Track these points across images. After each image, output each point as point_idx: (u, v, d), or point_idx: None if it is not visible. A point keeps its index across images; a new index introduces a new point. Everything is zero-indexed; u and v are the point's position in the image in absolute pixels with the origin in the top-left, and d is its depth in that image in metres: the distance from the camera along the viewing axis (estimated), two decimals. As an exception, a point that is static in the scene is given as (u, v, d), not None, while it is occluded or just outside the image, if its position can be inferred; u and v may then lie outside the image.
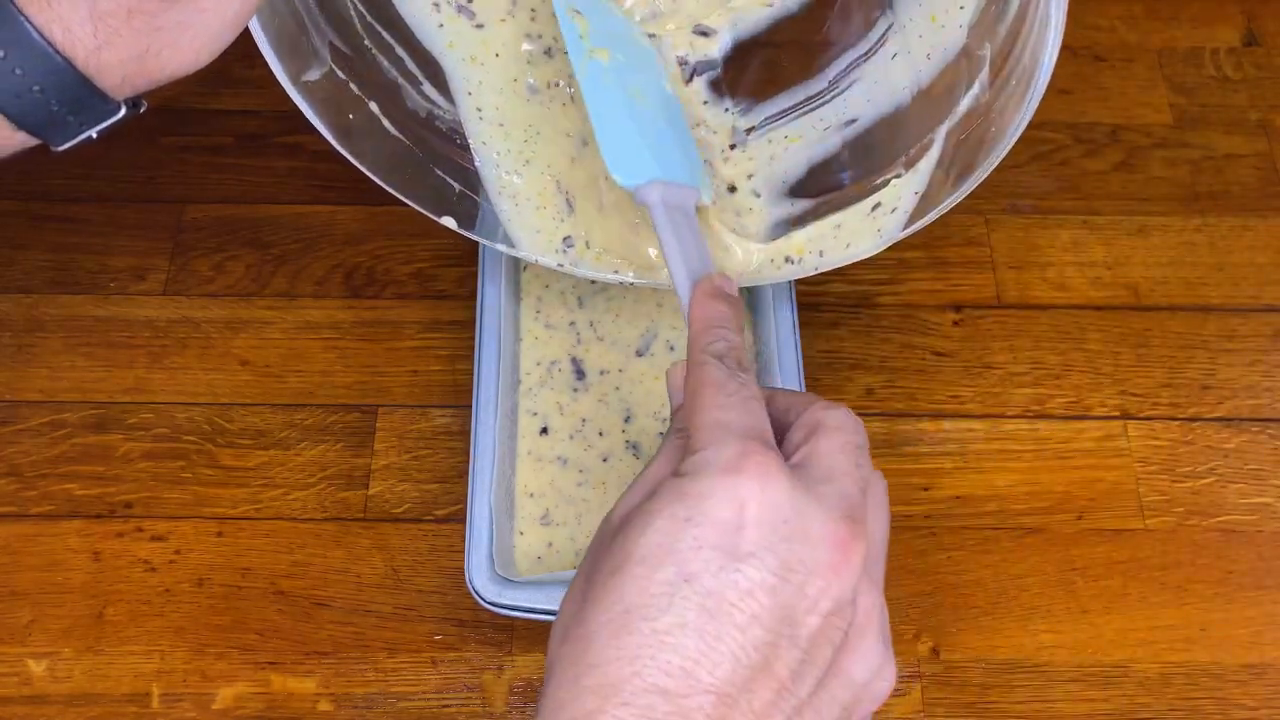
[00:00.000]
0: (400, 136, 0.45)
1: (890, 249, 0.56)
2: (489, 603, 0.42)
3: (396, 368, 0.52)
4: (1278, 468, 0.50)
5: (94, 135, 0.34)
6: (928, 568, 0.48)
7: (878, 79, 0.46)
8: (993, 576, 0.48)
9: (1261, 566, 0.48)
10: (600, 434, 0.48)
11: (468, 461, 0.45)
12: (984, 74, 0.43)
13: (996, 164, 0.41)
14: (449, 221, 0.46)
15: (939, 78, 0.45)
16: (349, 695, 0.45)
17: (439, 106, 0.46)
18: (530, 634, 0.46)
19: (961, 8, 0.44)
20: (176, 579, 0.47)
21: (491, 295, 0.49)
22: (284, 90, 0.40)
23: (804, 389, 0.47)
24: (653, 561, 0.28)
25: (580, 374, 0.49)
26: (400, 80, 0.45)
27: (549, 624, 0.45)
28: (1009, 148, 0.41)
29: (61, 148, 0.34)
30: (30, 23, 0.30)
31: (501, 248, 0.46)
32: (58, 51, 0.31)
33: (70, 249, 0.55)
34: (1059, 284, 0.55)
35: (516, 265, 0.51)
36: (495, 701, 0.45)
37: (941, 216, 0.57)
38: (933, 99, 0.45)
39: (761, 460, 0.29)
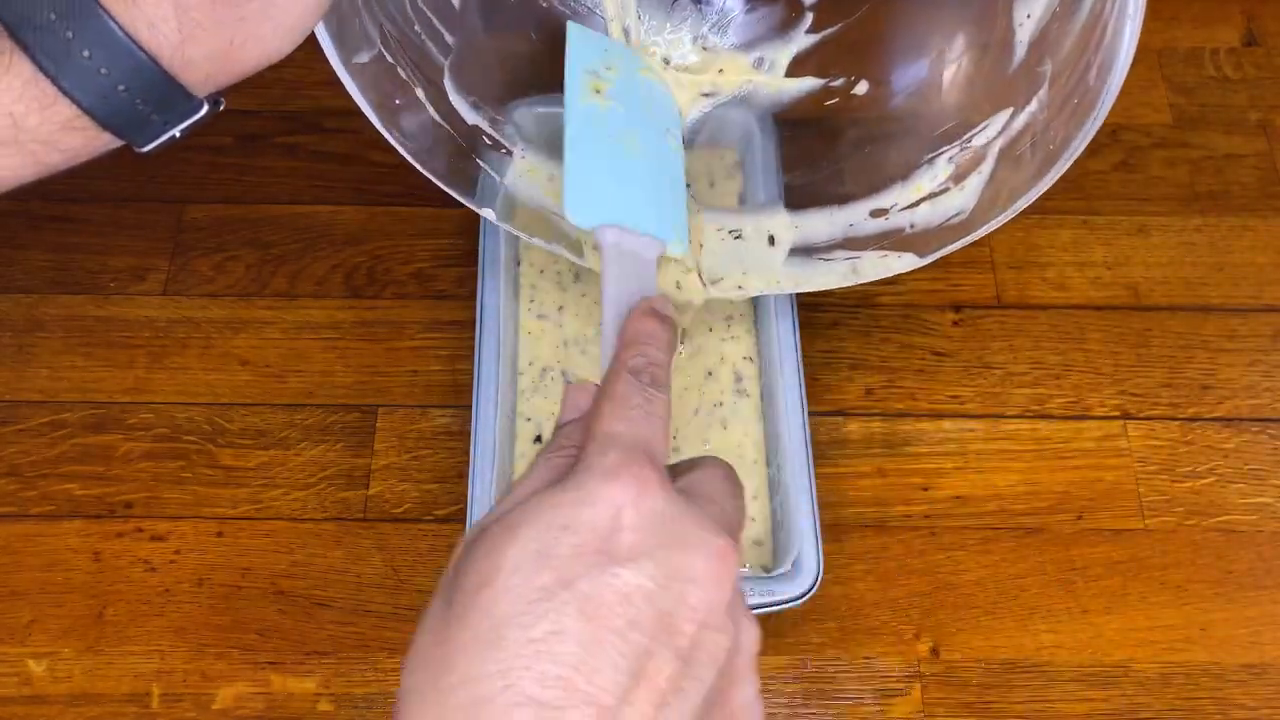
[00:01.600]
0: (444, 123, 0.45)
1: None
2: (489, 603, 0.42)
3: (396, 368, 0.52)
4: (1278, 468, 0.50)
5: (178, 134, 0.34)
6: (928, 568, 0.48)
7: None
8: (993, 576, 0.48)
9: (1261, 566, 0.48)
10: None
11: (468, 461, 0.45)
12: (1043, 91, 0.42)
13: (1052, 181, 0.40)
14: (488, 213, 0.45)
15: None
16: (349, 695, 0.45)
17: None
18: (530, 634, 0.46)
19: (1027, 16, 0.43)
20: (176, 579, 0.47)
21: (491, 295, 0.49)
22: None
23: (804, 389, 0.47)
24: (527, 570, 0.27)
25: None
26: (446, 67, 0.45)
27: (549, 624, 0.46)
28: (1070, 163, 0.40)
29: (146, 149, 0.34)
30: (115, 21, 0.30)
31: (539, 242, 0.46)
32: (143, 49, 0.30)
33: (70, 249, 0.55)
34: (1059, 284, 0.55)
35: (516, 265, 0.51)
36: (495, 701, 0.45)
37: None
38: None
39: (640, 470, 0.29)
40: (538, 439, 0.48)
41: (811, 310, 0.53)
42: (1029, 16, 0.43)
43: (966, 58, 0.46)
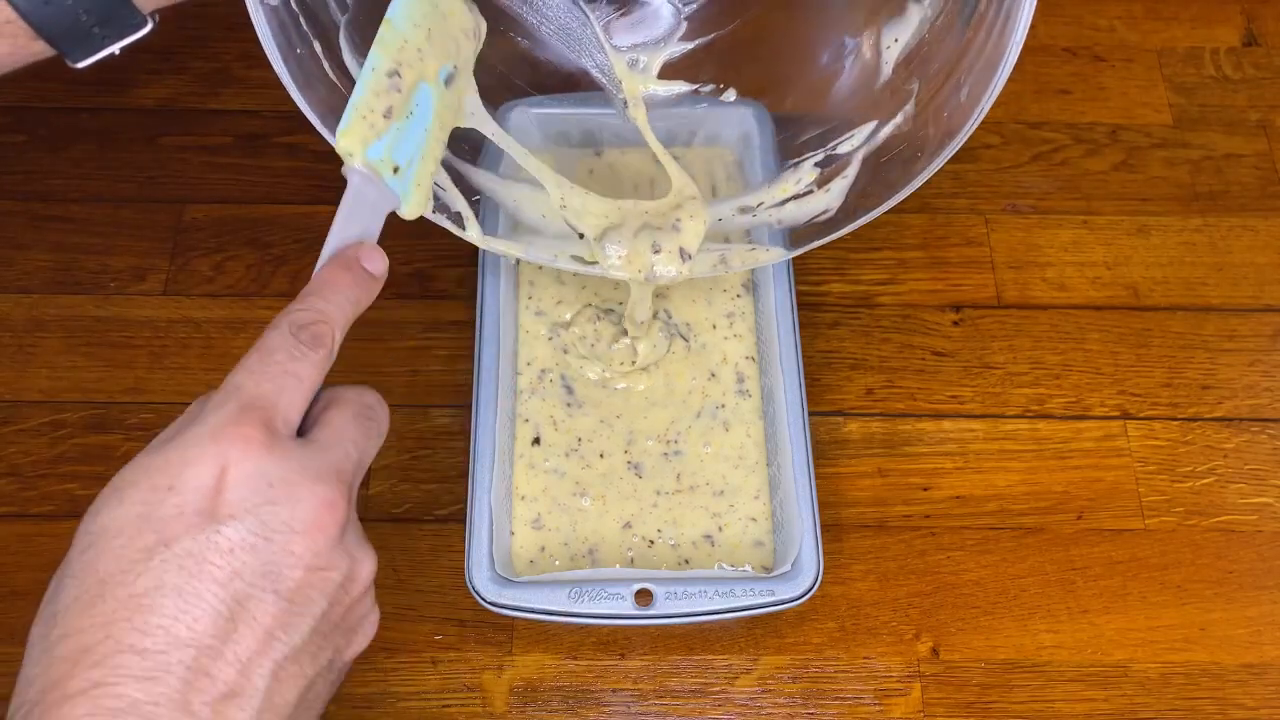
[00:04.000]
0: (339, 86, 0.43)
1: (890, 249, 0.56)
2: (489, 602, 0.42)
3: (396, 368, 0.52)
4: (1278, 468, 0.50)
5: (116, 51, 0.33)
6: (928, 568, 0.48)
7: None
8: (993, 576, 0.48)
9: (1261, 566, 0.48)
10: (599, 452, 0.48)
11: (468, 461, 0.45)
12: (910, 106, 0.45)
13: (914, 188, 0.43)
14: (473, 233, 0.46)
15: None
16: (349, 695, 0.45)
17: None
18: (530, 634, 0.46)
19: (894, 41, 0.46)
20: (176, 579, 0.47)
21: (491, 295, 0.49)
22: (285, 91, 0.40)
23: (804, 389, 0.47)
24: (130, 532, 0.29)
25: (569, 389, 0.49)
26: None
27: (549, 624, 0.46)
28: (935, 170, 0.42)
29: (80, 64, 0.33)
30: None
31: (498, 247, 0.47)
32: None
33: (70, 249, 0.55)
34: (1059, 284, 0.55)
35: (516, 265, 0.51)
36: (495, 701, 0.45)
37: (944, 216, 0.58)
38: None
39: (246, 430, 0.30)
40: (536, 440, 0.48)
41: (811, 310, 0.53)
42: (896, 40, 0.46)
43: (833, 74, 0.49)
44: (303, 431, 0.33)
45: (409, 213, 0.40)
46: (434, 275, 0.55)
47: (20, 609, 0.46)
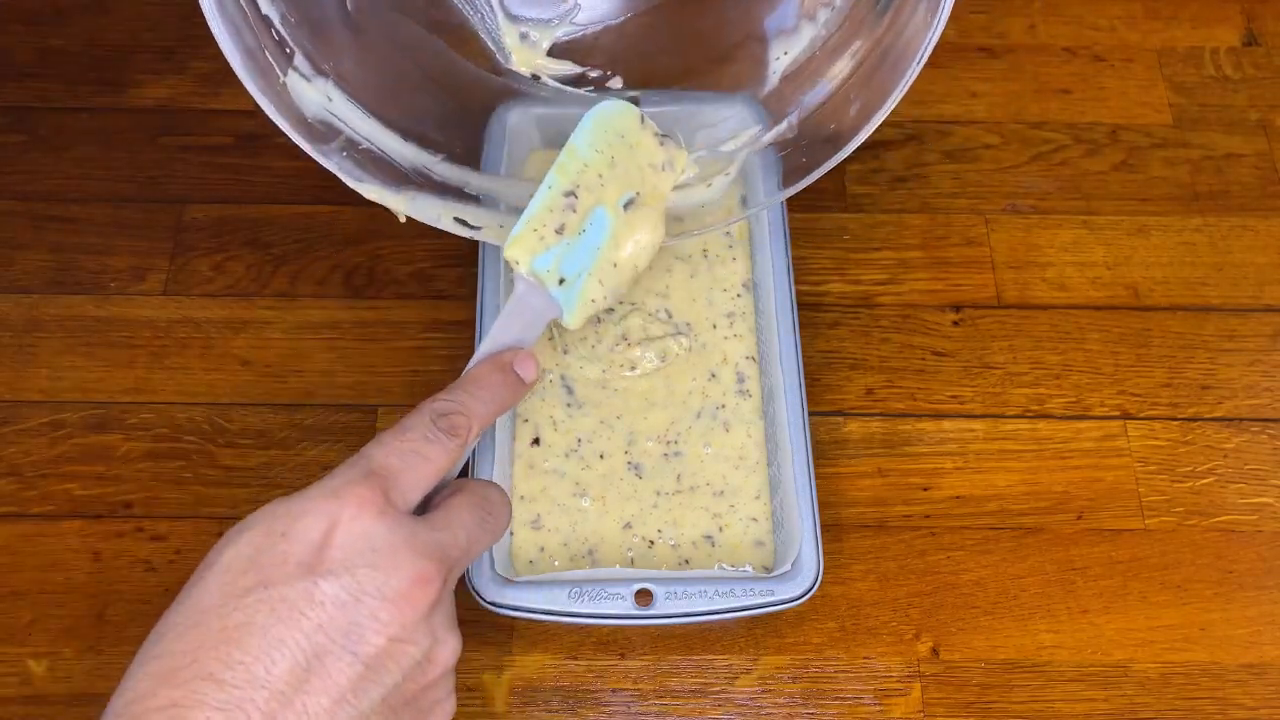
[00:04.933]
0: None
1: (890, 249, 0.56)
2: (489, 602, 0.42)
3: (397, 368, 0.52)
4: (1278, 468, 0.50)
5: None
6: (928, 568, 0.48)
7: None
8: (993, 576, 0.48)
9: (1261, 566, 0.48)
10: (599, 453, 0.48)
11: (467, 462, 0.45)
12: (794, 116, 0.47)
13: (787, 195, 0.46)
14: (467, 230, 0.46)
15: None
16: (349, 695, 0.45)
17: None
18: (530, 634, 0.46)
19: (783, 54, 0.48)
20: (177, 579, 0.47)
21: (491, 295, 0.49)
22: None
23: (804, 389, 0.47)
24: (237, 570, 0.31)
25: (569, 389, 0.49)
26: None
27: (549, 624, 0.46)
28: (818, 177, 0.44)
29: None
30: None
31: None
32: None
33: (70, 249, 0.55)
34: (1059, 284, 0.55)
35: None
36: (495, 701, 0.45)
37: (944, 216, 0.58)
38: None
39: (362, 493, 0.32)
40: (535, 441, 0.48)
41: (811, 310, 0.53)
42: (785, 53, 0.48)
43: (718, 77, 0.51)
44: (422, 514, 0.34)
45: (571, 324, 0.43)
46: (434, 275, 0.55)
47: (20, 609, 0.46)
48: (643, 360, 0.50)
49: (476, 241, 0.47)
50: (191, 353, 0.52)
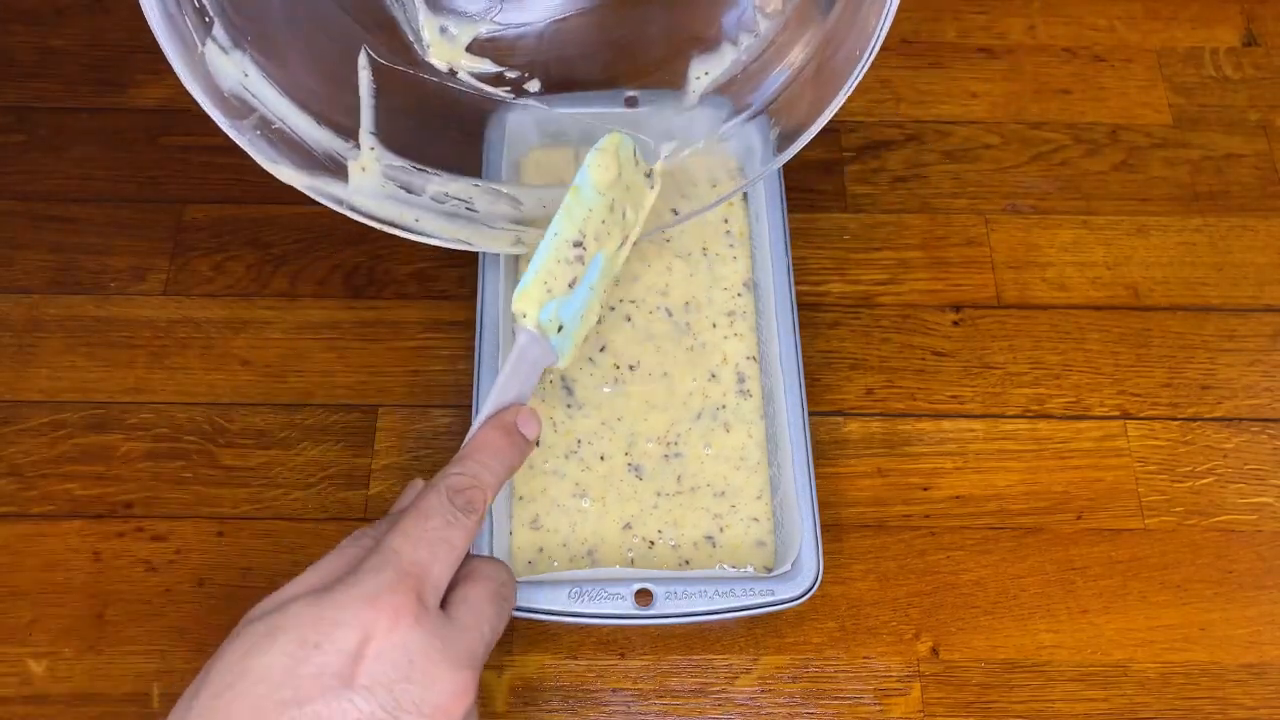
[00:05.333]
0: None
1: (890, 249, 0.56)
2: (489, 603, 0.42)
3: (397, 368, 0.52)
4: (1277, 468, 0.50)
5: None
6: (928, 568, 0.48)
7: None
8: (993, 576, 0.48)
9: (1261, 566, 0.48)
10: (599, 455, 0.48)
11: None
12: (714, 135, 0.48)
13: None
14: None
15: None
16: (349, 695, 0.45)
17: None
18: (530, 634, 0.46)
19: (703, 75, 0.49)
20: (177, 579, 0.47)
21: (491, 295, 0.49)
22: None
23: (804, 389, 0.47)
24: (271, 682, 0.30)
25: (569, 390, 0.49)
26: None
27: (549, 624, 0.46)
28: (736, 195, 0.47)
29: None
30: None
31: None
32: None
33: (70, 249, 0.55)
34: (1059, 284, 0.55)
35: (516, 265, 0.51)
36: (495, 701, 0.45)
37: (944, 216, 0.58)
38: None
39: (399, 600, 0.31)
40: (535, 442, 0.48)
41: (811, 310, 0.54)
42: (706, 74, 0.49)
43: (635, 91, 0.52)
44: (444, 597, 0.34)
45: (564, 366, 0.42)
46: (435, 275, 0.55)
47: (20, 609, 0.46)
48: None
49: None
50: (192, 353, 0.52)
